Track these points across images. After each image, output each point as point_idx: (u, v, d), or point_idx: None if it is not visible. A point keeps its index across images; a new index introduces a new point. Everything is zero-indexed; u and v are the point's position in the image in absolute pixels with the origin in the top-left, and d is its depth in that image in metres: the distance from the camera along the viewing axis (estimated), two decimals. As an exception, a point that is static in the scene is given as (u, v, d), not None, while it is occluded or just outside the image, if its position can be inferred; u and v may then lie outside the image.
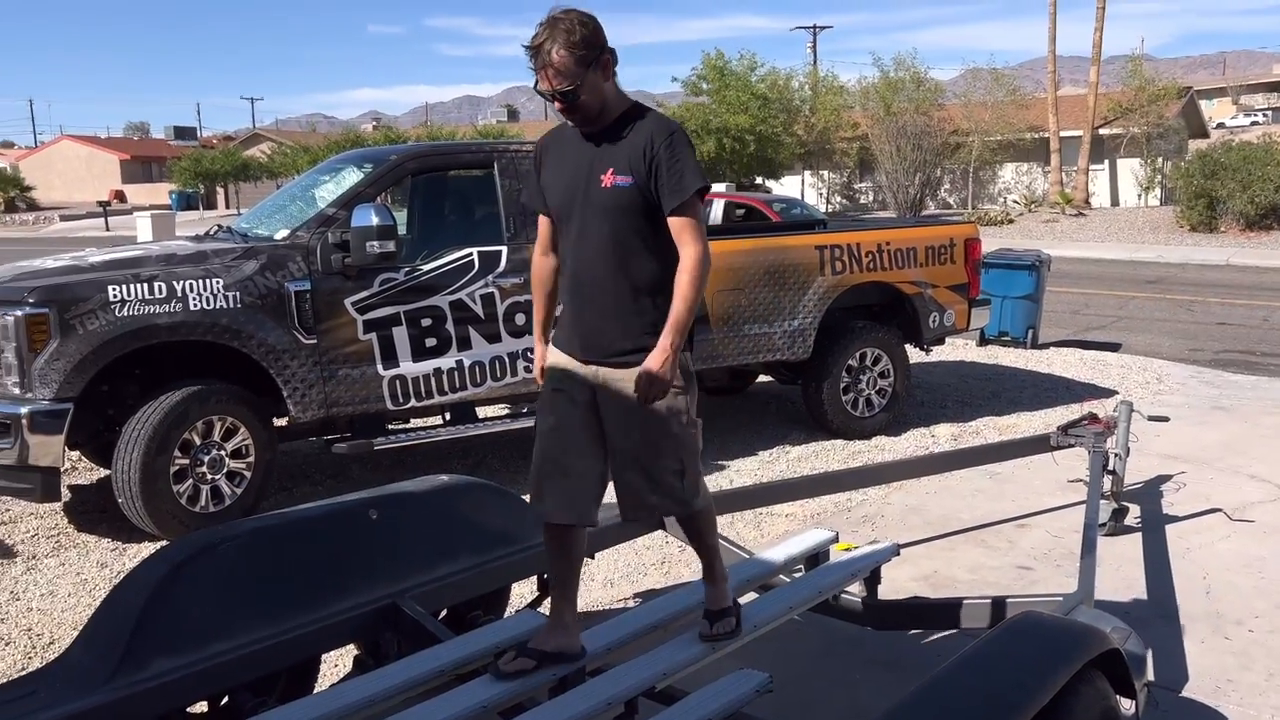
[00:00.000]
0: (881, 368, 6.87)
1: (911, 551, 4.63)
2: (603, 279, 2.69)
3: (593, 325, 2.72)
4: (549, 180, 2.81)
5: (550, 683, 2.65)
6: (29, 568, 4.57)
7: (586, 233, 2.69)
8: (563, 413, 2.74)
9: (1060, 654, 2.05)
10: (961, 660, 2.05)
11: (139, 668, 2.55)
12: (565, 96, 2.60)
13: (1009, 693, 1.89)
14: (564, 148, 2.79)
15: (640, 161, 2.62)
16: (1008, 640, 2.11)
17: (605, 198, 2.65)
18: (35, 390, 4.56)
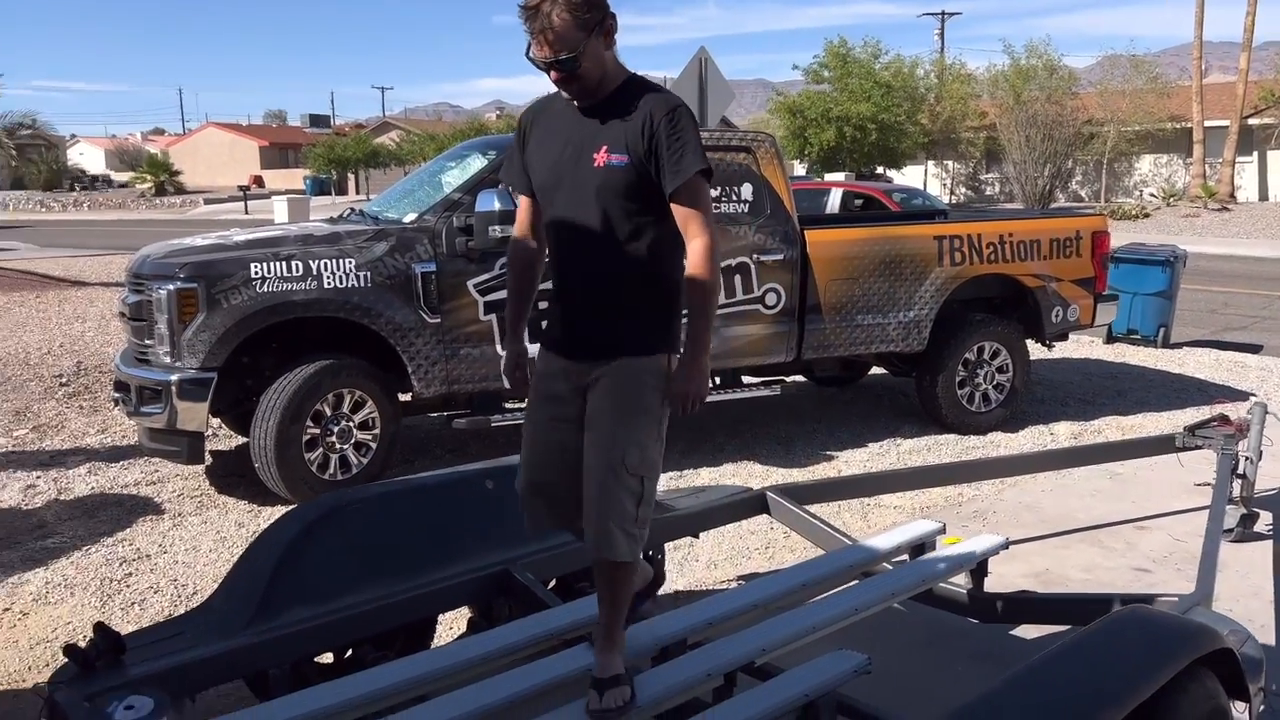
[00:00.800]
0: (1000, 362, 6.72)
1: (1023, 548, 4.55)
2: (594, 269, 2.43)
3: (583, 321, 2.47)
4: (534, 157, 2.51)
5: (653, 652, 2.74)
6: (175, 524, 4.92)
7: (575, 217, 2.43)
8: (551, 429, 2.51)
9: (1166, 649, 2.02)
10: (1062, 649, 2.05)
11: (273, 617, 2.75)
12: (564, 65, 2.32)
13: (1108, 683, 1.89)
14: (552, 122, 2.50)
15: (639, 139, 2.35)
16: (1112, 632, 2.10)
17: (597, 178, 2.38)
18: (184, 360, 4.89)
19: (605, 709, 2.37)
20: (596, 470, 2.39)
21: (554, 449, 2.51)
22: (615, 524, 2.38)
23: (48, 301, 10.97)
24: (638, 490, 2.39)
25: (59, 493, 5.33)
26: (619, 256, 2.41)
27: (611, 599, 2.49)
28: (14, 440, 6.21)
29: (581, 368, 2.45)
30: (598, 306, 2.45)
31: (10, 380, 7.12)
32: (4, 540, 4.69)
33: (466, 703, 2.41)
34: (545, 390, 2.55)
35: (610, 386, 2.41)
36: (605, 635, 2.50)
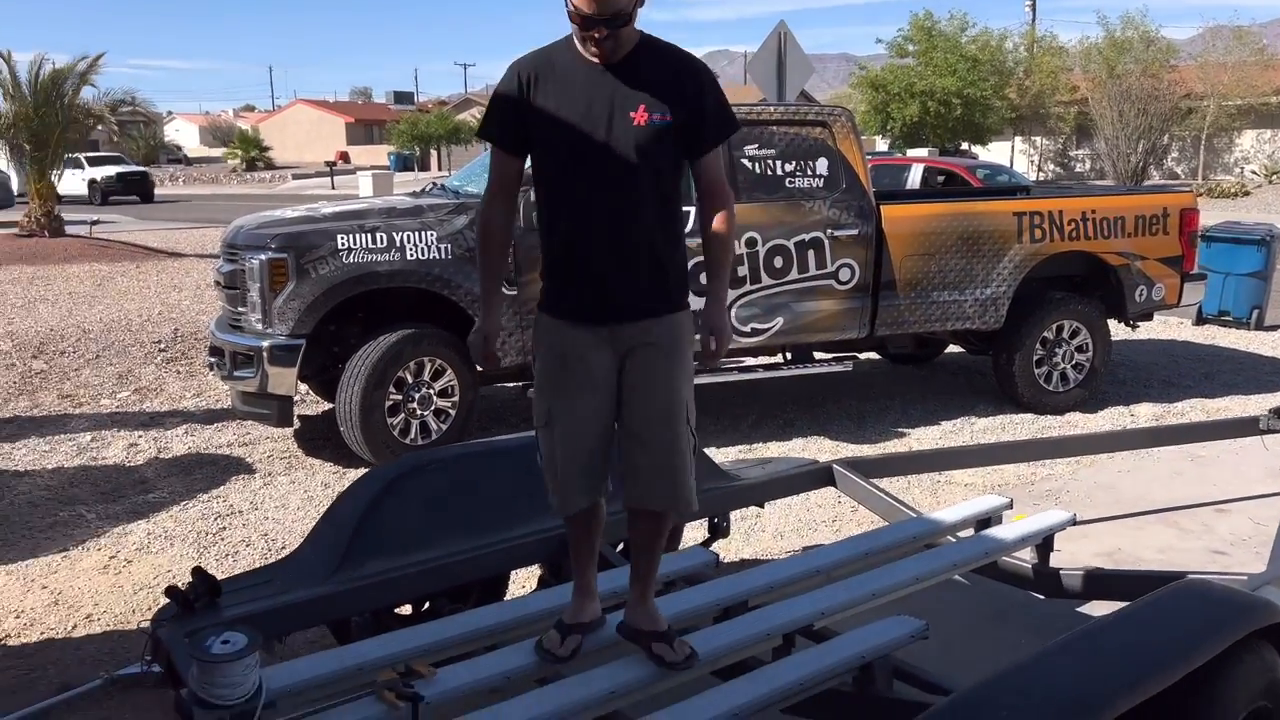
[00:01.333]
0: (1079, 341, 6.61)
1: (1096, 528, 4.51)
2: (631, 229, 2.37)
3: (623, 281, 2.39)
4: (548, 117, 2.37)
5: (714, 611, 2.83)
6: (265, 483, 5.18)
7: (611, 177, 2.35)
8: (579, 401, 2.43)
9: (1222, 620, 2.03)
10: (1117, 615, 2.08)
11: (356, 567, 2.92)
12: (615, 23, 2.25)
13: (1161, 649, 1.91)
14: (565, 79, 2.37)
15: (678, 97, 2.34)
16: (1168, 601, 2.11)
17: (639, 136, 2.32)
18: (274, 326, 5.13)
19: (679, 659, 2.44)
20: (662, 430, 2.40)
21: (588, 420, 2.44)
22: (687, 477, 2.44)
23: (147, 271, 11.48)
24: (693, 441, 2.47)
25: (159, 451, 5.64)
26: (655, 215, 2.40)
27: (656, 551, 2.56)
28: (117, 402, 6.57)
29: (622, 332, 2.39)
30: (635, 265, 2.38)
31: (114, 345, 7.51)
32: (109, 494, 4.99)
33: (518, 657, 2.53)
34: (570, 360, 2.43)
35: (662, 346, 2.41)
36: (649, 590, 2.54)
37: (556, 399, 2.47)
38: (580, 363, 2.42)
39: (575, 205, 2.41)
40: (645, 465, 2.43)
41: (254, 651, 2.24)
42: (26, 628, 3.61)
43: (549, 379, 2.49)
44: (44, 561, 4.16)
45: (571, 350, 2.43)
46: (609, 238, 2.38)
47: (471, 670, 2.42)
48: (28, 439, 5.78)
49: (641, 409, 2.42)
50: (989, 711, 1.71)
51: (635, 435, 2.43)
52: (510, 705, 2.28)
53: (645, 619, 2.54)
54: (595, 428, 2.45)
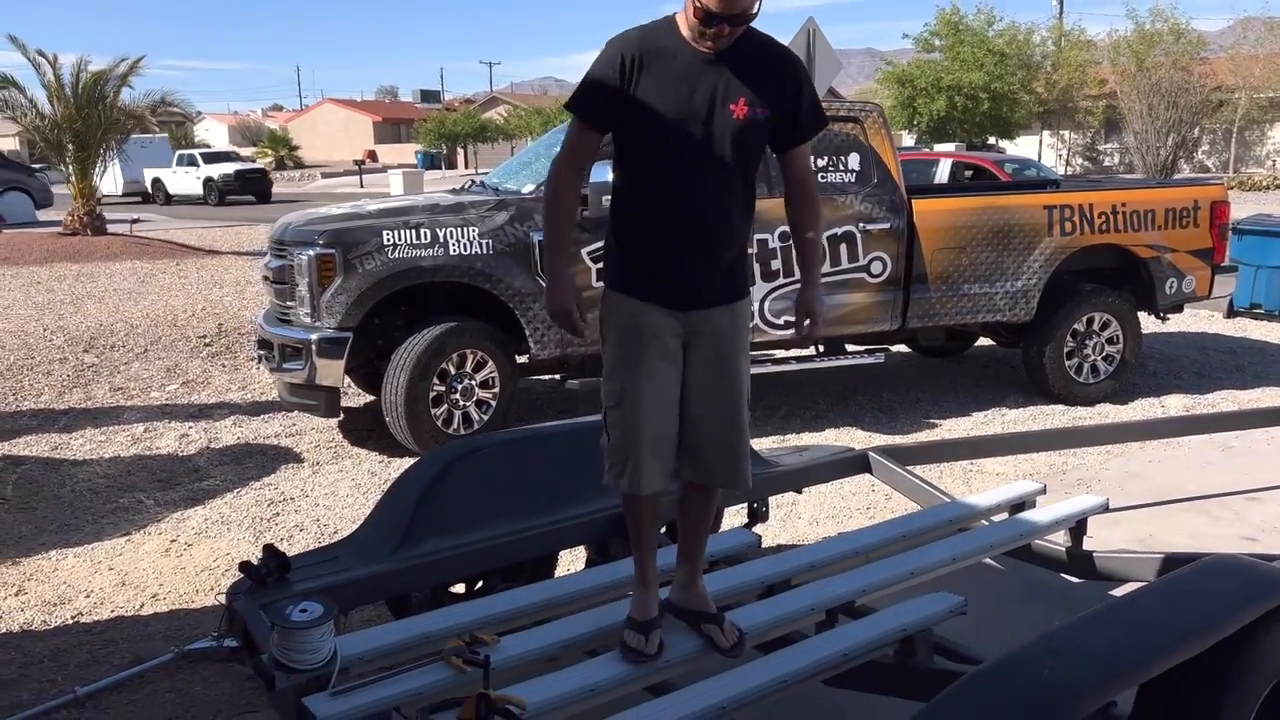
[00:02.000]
0: (1110, 333, 6.67)
1: (1127, 515, 4.59)
2: (718, 217, 2.43)
3: (704, 269, 2.45)
4: (650, 100, 2.36)
5: (758, 589, 2.95)
6: (314, 472, 5.34)
7: (706, 166, 2.39)
8: (660, 380, 2.46)
9: (1250, 592, 2.13)
10: (1149, 587, 2.18)
11: (415, 545, 3.05)
12: (742, 21, 2.31)
13: (1190, 618, 2.01)
14: (670, 64, 2.36)
15: (777, 92, 2.39)
16: (1198, 575, 2.21)
17: (738, 129, 2.36)
18: (322, 320, 5.29)
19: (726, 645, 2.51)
20: (729, 412, 2.50)
21: (667, 400, 2.47)
22: (747, 457, 2.58)
23: (187, 269, 11.73)
24: (748, 422, 2.58)
25: (209, 441, 5.82)
26: (738, 205, 2.46)
27: (705, 529, 2.67)
28: (166, 394, 6.77)
29: (695, 316, 2.45)
30: (718, 254, 2.45)
31: (160, 340, 7.72)
32: (166, 481, 5.18)
33: (581, 626, 2.67)
34: (649, 342, 2.45)
35: (732, 330, 2.50)
36: (697, 569, 2.63)
37: (632, 378, 2.45)
38: (657, 340, 2.45)
39: (664, 191, 2.42)
40: (710, 444, 2.51)
41: (330, 619, 2.39)
42: (97, 606, 3.79)
43: (623, 358, 2.48)
44: (108, 544, 4.34)
45: (649, 329, 2.45)
46: (697, 226, 2.42)
47: (531, 640, 2.56)
48: (84, 429, 5.99)
49: (710, 389, 2.49)
50: (1030, 670, 1.82)
51: (701, 415, 2.49)
52: (570, 673, 2.41)
53: (696, 599, 2.63)
54: (670, 406, 2.48)
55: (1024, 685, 1.80)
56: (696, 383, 2.49)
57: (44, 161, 20.82)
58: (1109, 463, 5.47)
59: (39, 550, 4.28)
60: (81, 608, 3.77)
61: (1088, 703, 1.75)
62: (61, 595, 3.87)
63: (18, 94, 13.58)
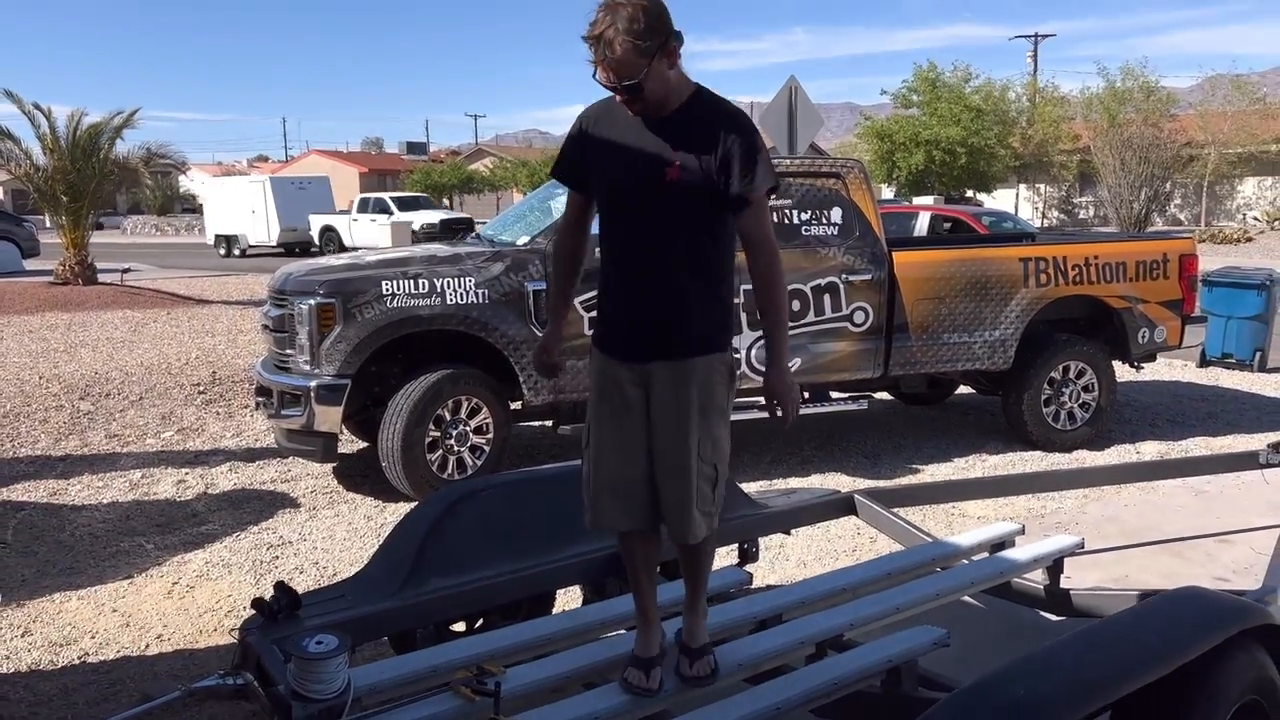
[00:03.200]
0: (1086, 381, 6.88)
1: (1103, 557, 4.73)
2: (661, 276, 2.53)
3: (651, 321, 2.56)
4: (601, 162, 2.58)
5: (751, 624, 3.08)
6: (311, 516, 5.44)
7: (646, 224, 2.53)
8: (613, 424, 2.59)
9: (1215, 619, 2.28)
10: (1118, 616, 2.33)
11: (420, 583, 3.17)
12: (628, 90, 2.41)
13: (1159, 642, 2.16)
14: (619, 128, 2.54)
15: (712, 153, 2.46)
16: (1164, 604, 2.36)
17: (672, 190, 2.48)
18: (322, 367, 5.43)
19: (697, 675, 2.63)
20: (675, 463, 2.54)
21: (626, 446, 2.58)
22: (692, 513, 2.56)
23: (178, 317, 11.83)
24: (713, 477, 2.59)
25: (206, 487, 5.91)
26: (684, 265, 2.52)
27: (696, 575, 2.72)
28: (162, 441, 6.86)
29: (646, 368, 2.55)
30: (661, 313, 2.54)
31: (155, 388, 7.82)
32: (165, 526, 5.26)
33: (580, 659, 2.79)
34: (608, 391, 2.61)
35: (679, 383, 2.53)
36: (692, 609, 2.71)
37: (595, 424, 2.65)
38: (616, 392, 2.59)
39: (614, 248, 2.61)
40: (663, 492, 2.60)
41: (344, 652, 2.50)
42: (102, 646, 3.86)
43: (591, 406, 2.69)
44: (111, 587, 4.42)
45: (609, 382, 2.61)
46: (636, 283, 2.57)
47: (536, 671, 2.68)
48: (81, 475, 6.06)
49: (659, 440, 2.57)
50: (1006, 691, 1.96)
51: (656, 463, 2.58)
52: (573, 702, 2.53)
53: (687, 633, 2.73)
54: (626, 455, 2.59)
55: (1000, 703, 1.93)
56: (652, 432, 2.58)
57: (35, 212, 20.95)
58: (1086, 506, 5.64)
59: (43, 593, 4.35)
60: (88, 648, 3.85)
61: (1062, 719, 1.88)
62: (67, 636, 3.94)
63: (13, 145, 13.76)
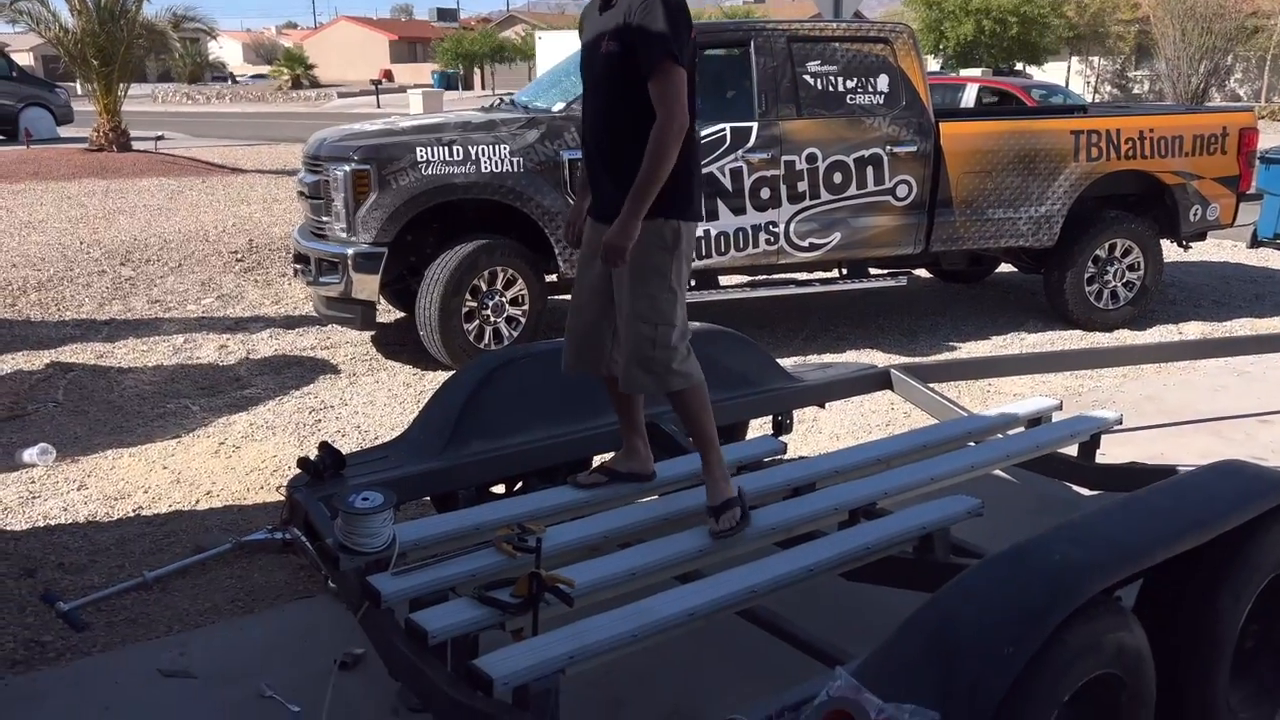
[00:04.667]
0: (1131, 260, 6.73)
1: (1139, 434, 4.73)
2: (602, 143, 2.83)
3: (598, 187, 2.88)
4: (581, 39, 2.98)
5: (784, 491, 3.12)
6: (351, 382, 5.53)
7: (593, 99, 2.88)
8: (581, 277, 2.99)
9: (1253, 492, 2.28)
10: (1158, 486, 2.33)
11: (461, 446, 3.24)
12: None
13: (1195, 512, 2.16)
14: (588, 20, 2.91)
15: (624, 28, 2.68)
16: (1205, 475, 2.36)
17: (602, 65, 2.77)
18: (358, 235, 5.42)
19: (723, 530, 2.74)
20: (624, 318, 2.81)
21: (586, 298, 2.95)
22: (636, 364, 2.80)
23: (213, 186, 11.83)
24: (653, 336, 2.77)
25: (248, 353, 6.01)
26: (624, 134, 2.74)
27: (694, 429, 2.89)
28: (202, 307, 6.95)
29: (604, 227, 2.79)
30: (611, 177, 2.81)
31: (194, 255, 7.88)
32: (209, 389, 5.38)
33: (616, 521, 2.85)
34: (586, 247, 2.99)
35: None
36: (705, 466, 2.86)
37: (575, 278, 3.07)
38: (587, 248, 2.97)
39: (583, 118, 2.99)
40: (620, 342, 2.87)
41: (390, 507, 2.58)
42: (155, 501, 4.01)
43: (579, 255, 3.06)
44: (160, 446, 4.55)
45: (585, 239, 3.00)
46: (593, 149, 2.90)
47: (574, 530, 2.75)
48: (125, 339, 6.18)
49: (618, 294, 2.84)
50: (1042, 554, 1.97)
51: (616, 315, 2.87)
52: (611, 559, 2.60)
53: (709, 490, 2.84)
54: (584, 306, 2.96)
55: (1036, 566, 1.95)
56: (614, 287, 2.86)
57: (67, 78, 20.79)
58: (1125, 385, 5.59)
59: (95, 450, 4.50)
60: (141, 502, 3.99)
61: (1095, 581, 1.90)
62: (121, 491, 4.09)
63: (40, 6, 13.56)
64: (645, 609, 2.32)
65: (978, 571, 1.98)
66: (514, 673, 2.04)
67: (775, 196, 5.90)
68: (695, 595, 2.39)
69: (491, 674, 2.03)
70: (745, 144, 5.83)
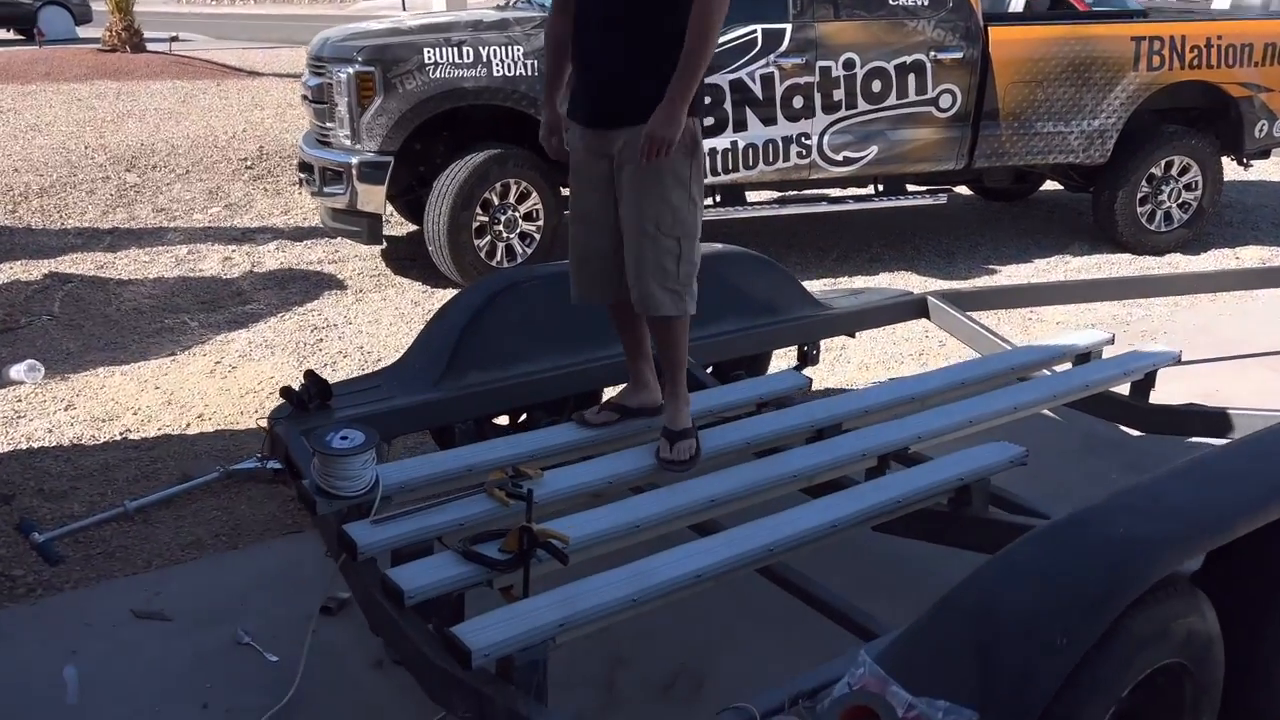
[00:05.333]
0: (1189, 179, 6.29)
1: (1193, 369, 4.39)
2: (615, 41, 2.48)
3: (607, 89, 2.53)
4: None
5: (807, 432, 2.86)
6: (357, 299, 5.29)
7: None
8: (581, 195, 2.65)
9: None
10: (1234, 445, 2.05)
11: (459, 376, 2.99)
12: None
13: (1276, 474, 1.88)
14: None
15: None
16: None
17: None
18: (363, 142, 5.11)
19: (675, 459, 2.57)
20: (632, 235, 2.53)
21: (589, 219, 2.64)
22: (657, 283, 2.52)
23: (227, 89, 11.45)
24: (675, 250, 2.53)
25: (252, 265, 5.77)
26: (640, 28, 2.46)
27: (669, 357, 2.66)
28: (209, 217, 6.70)
29: (608, 135, 2.52)
30: (618, 77, 2.51)
31: (202, 161, 7.59)
32: (210, 304, 5.16)
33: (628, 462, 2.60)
34: (579, 163, 2.63)
35: (635, 149, 2.45)
36: (671, 391, 2.66)
37: (570, 198, 2.74)
38: (584, 163, 2.62)
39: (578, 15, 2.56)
40: (627, 267, 2.57)
41: (371, 448, 2.34)
42: (144, 424, 3.81)
43: (570, 180, 2.72)
44: (154, 364, 4.35)
45: (578, 153, 2.63)
46: (598, 49, 2.53)
47: (575, 475, 2.50)
48: (128, 249, 5.96)
49: (620, 211, 2.56)
50: (1104, 526, 1.71)
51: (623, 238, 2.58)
52: (613, 509, 2.35)
53: (669, 415, 2.65)
54: (592, 227, 2.63)
55: (1096, 540, 1.69)
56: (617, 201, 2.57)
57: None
58: (1176, 315, 5.25)
59: (87, 367, 4.30)
60: (129, 424, 3.80)
61: (1165, 561, 1.64)
62: (110, 411, 3.90)
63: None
64: (647, 570, 2.08)
65: (1026, 545, 1.71)
66: (495, 644, 1.82)
67: (809, 106, 5.50)
68: (705, 554, 2.15)
69: (470, 645, 1.81)
70: (777, 48, 5.41)
